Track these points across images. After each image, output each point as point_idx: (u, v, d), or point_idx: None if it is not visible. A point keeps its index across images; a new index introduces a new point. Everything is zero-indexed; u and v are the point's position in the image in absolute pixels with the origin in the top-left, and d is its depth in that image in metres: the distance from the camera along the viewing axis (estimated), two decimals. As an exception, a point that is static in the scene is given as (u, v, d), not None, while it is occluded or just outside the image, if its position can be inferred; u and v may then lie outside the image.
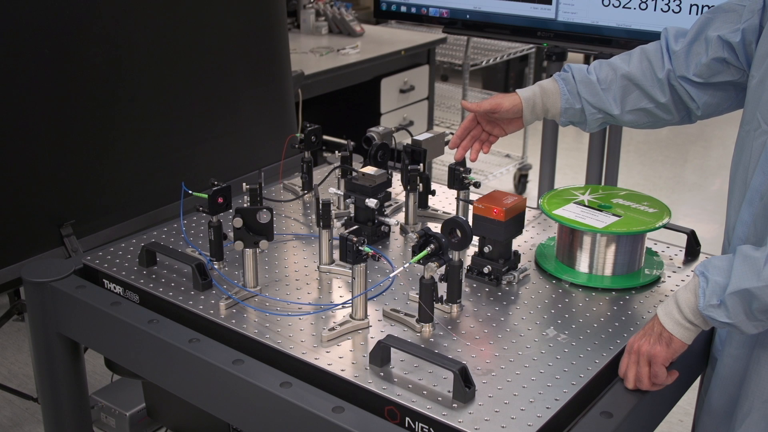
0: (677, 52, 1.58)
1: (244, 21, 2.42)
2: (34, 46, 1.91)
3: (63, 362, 1.70)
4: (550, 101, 1.69)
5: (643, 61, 1.63)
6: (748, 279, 1.22)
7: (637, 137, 6.08)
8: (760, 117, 1.39)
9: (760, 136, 1.38)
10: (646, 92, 1.63)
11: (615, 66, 1.65)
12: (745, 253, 1.25)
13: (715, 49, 1.52)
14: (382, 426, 1.24)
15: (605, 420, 1.25)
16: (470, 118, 1.75)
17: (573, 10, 2.54)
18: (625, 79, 1.64)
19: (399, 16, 3.01)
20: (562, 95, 1.68)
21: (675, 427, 2.90)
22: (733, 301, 1.23)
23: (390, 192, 1.87)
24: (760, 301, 1.22)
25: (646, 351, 1.31)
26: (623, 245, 1.61)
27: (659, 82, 1.61)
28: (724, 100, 1.59)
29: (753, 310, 1.23)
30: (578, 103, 1.67)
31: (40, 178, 1.99)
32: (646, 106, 1.64)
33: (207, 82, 2.34)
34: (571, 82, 1.67)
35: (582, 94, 1.67)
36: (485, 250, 1.61)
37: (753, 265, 1.23)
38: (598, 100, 1.66)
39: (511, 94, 1.70)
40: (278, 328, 1.45)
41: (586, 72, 1.67)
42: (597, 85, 1.65)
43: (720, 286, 1.25)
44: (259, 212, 1.50)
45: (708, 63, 1.53)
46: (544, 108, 1.70)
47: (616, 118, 1.67)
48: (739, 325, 1.25)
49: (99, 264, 1.69)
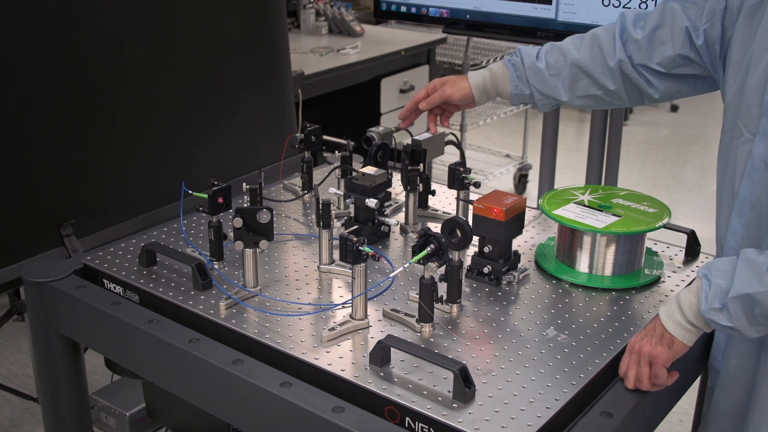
0: (639, 41, 1.57)
1: (244, 21, 2.42)
2: (34, 46, 1.91)
3: (63, 362, 1.70)
4: (501, 86, 1.70)
5: (594, 48, 1.63)
6: (751, 284, 1.21)
7: (637, 137, 6.08)
8: (742, 125, 1.38)
9: (743, 144, 1.37)
10: (596, 80, 1.64)
11: (565, 51, 1.66)
12: (749, 257, 1.24)
13: (682, 45, 1.52)
14: (382, 426, 1.24)
15: (605, 420, 1.25)
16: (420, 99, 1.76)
17: (573, 10, 2.54)
18: (574, 67, 1.64)
19: (399, 16, 3.01)
20: (511, 81, 1.69)
21: (675, 427, 2.90)
22: (735, 305, 1.23)
23: (390, 192, 1.87)
24: (762, 306, 1.21)
25: (647, 352, 1.31)
26: (623, 245, 1.61)
27: (609, 70, 1.62)
28: (685, 88, 1.60)
29: (755, 314, 1.22)
30: (527, 89, 1.69)
31: (40, 178, 1.99)
32: (595, 93, 1.65)
33: (207, 82, 2.34)
34: (520, 68, 1.68)
35: (530, 80, 1.68)
36: (485, 250, 1.61)
37: (756, 270, 1.22)
38: (547, 87, 1.67)
39: (462, 81, 1.72)
40: (278, 328, 1.45)
41: (535, 58, 1.67)
42: (545, 71, 1.66)
43: (722, 290, 1.24)
44: (259, 212, 1.50)
45: (674, 57, 1.54)
46: (495, 92, 1.72)
47: (566, 103, 1.69)
48: (740, 329, 1.25)
49: (99, 264, 1.69)
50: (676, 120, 6.60)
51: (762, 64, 1.34)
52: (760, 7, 1.38)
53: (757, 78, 1.35)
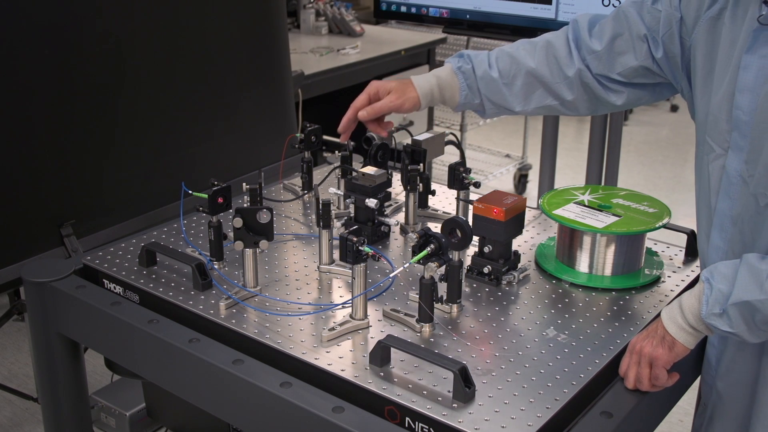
0: (598, 53, 1.54)
1: (244, 21, 2.42)
2: (34, 46, 1.91)
3: (63, 362, 1.69)
4: (448, 94, 1.63)
5: (549, 57, 1.58)
6: (751, 291, 1.21)
7: (637, 137, 6.09)
8: (711, 141, 1.36)
9: (716, 159, 1.36)
10: (552, 90, 1.59)
11: (518, 59, 1.59)
12: (751, 262, 1.24)
13: (645, 56, 1.49)
14: (382, 426, 1.24)
15: (605, 420, 1.25)
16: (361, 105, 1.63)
17: (573, 10, 2.54)
18: (530, 76, 1.59)
19: (399, 16, 3.01)
20: (461, 90, 1.61)
21: (675, 427, 2.90)
22: (734, 312, 1.22)
23: (390, 192, 1.87)
24: (762, 314, 1.21)
25: (648, 353, 1.31)
26: (623, 245, 1.61)
27: (568, 79, 1.57)
28: (646, 95, 1.58)
29: (755, 321, 1.22)
30: (477, 99, 1.62)
31: (40, 178, 1.99)
32: (550, 103, 1.60)
33: (207, 82, 2.33)
34: (471, 76, 1.61)
35: (482, 90, 1.61)
36: (485, 250, 1.61)
37: (756, 277, 1.22)
38: (500, 98, 1.61)
39: (409, 90, 1.60)
40: (278, 328, 1.45)
41: (488, 66, 1.60)
42: (499, 81, 1.59)
43: (723, 295, 1.24)
44: (259, 212, 1.50)
45: (636, 67, 1.51)
46: (440, 99, 1.64)
47: (517, 113, 1.64)
48: (740, 334, 1.25)
49: (99, 264, 1.69)
50: (676, 120, 6.60)
51: (726, 78, 1.32)
52: (719, 19, 1.36)
53: (722, 93, 1.33)
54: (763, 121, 1.26)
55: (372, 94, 1.63)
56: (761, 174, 1.28)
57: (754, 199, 1.30)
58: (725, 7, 1.35)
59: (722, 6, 1.36)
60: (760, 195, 1.29)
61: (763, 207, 1.29)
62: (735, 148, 1.31)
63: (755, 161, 1.28)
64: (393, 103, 1.60)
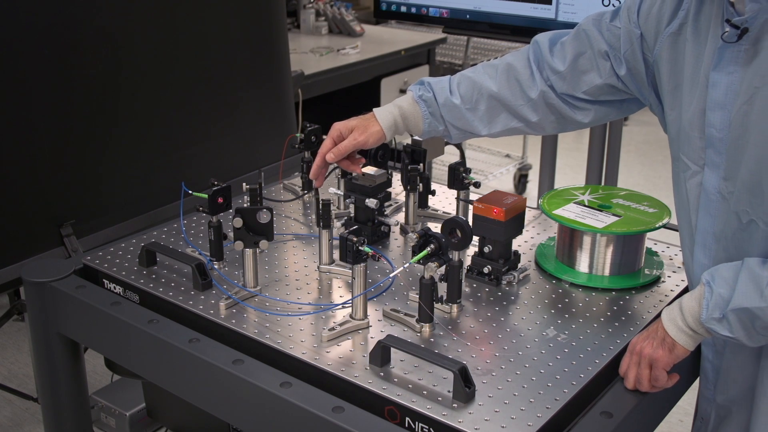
0: (562, 73, 1.53)
1: (244, 21, 2.42)
2: (34, 46, 1.91)
3: (63, 362, 1.69)
4: (412, 124, 1.62)
5: (511, 80, 1.57)
6: (751, 298, 1.21)
7: (637, 137, 6.08)
8: (686, 158, 1.36)
9: (692, 176, 1.35)
10: (516, 112, 1.58)
11: (480, 84, 1.58)
12: (752, 268, 1.23)
13: (609, 74, 1.49)
14: (382, 426, 1.23)
15: (605, 420, 1.25)
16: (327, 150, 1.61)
17: (573, 10, 2.54)
18: (492, 100, 1.58)
19: (399, 16, 3.01)
20: (424, 119, 1.61)
21: (675, 427, 2.90)
22: (734, 318, 1.22)
23: (390, 192, 1.87)
24: (761, 320, 1.20)
25: (648, 354, 1.31)
26: (623, 245, 1.61)
27: (531, 101, 1.57)
28: (613, 111, 1.57)
29: (755, 327, 1.22)
30: (441, 125, 1.62)
31: (40, 178, 1.99)
32: (516, 125, 1.60)
33: (207, 82, 2.33)
34: (434, 104, 1.60)
35: (445, 116, 1.60)
36: (485, 250, 1.61)
37: (757, 284, 1.21)
38: (464, 123, 1.60)
39: (372, 125, 1.59)
40: (278, 328, 1.45)
41: (449, 93, 1.59)
42: (461, 107, 1.59)
43: (723, 300, 1.23)
44: (259, 212, 1.50)
45: (601, 86, 1.51)
46: (404, 129, 1.63)
47: (483, 136, 1.63)
48: (739, 339, 1.24)
49: (99, 264, 1.69)
50: (676, 120, 6.58)
51: (695, 95, 1.32)
52: (680, 34, 1.36)
53: (693, 110, 1.33)
54: (739, 137, 1.26)
55: (335, 137, 1.61)
56: (741, 191, 1.27)
57: (736, 216, 1.29)
58: (685, 22, 1.35)
59: (682, 21, 1.35)
60: (741, 212, 1.28)
61: (746, 224, 1.28)
62: (711, 165, 1.31)
63: (734, 178, 1.28)
64: (357, 140, 1.59)
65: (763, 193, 1.24)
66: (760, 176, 1.24)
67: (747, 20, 1.21)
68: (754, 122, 1.23)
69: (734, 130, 1.26)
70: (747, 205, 1.27)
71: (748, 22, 1.21)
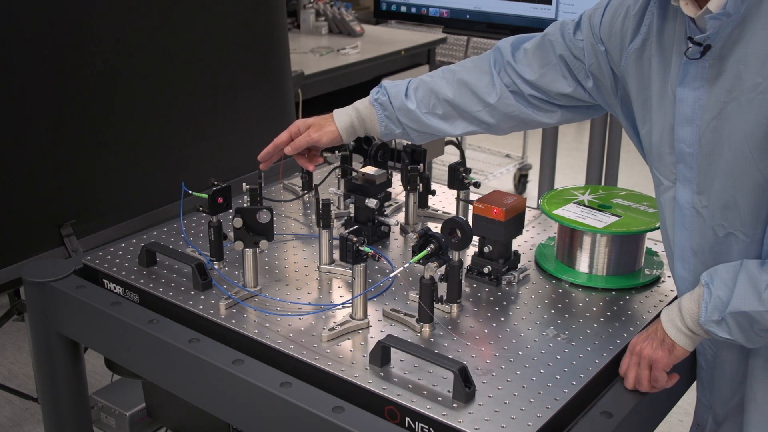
0: (531, 82, 1.54)
1: (244, 21, 2.42)
2: (33, 46, 1.91)
3: (63, 362, 1.69)
4: (369, 126, 1.64)
5: (465, 93, 1.58)
6: (749, 301, 1.20)
7: (637, 137, 6.08)
8: (658, 174, 1.37)
9: (665, 191, 1.36)
10: (474, 117, 1.60)
11: (436, 90, 1.60)
12: (750, 270, 1.23)
13: (576, 86, 1.51)
14: (382, 426, 1.24)
15: (605, 420, 1.25)
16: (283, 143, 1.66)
17: (573, 10, 2.54)
18: (448, 105, 1.60)
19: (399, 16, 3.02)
20: (380, 121, 1.62)
21: (675, 427, 2.90)
22: (733, 321, 1.22)
23: (390, 192, 1.87)
24: (760, 324, 1.20)
25: (648, 355, 1.31)
26: (623, 245, 1.61)
27: (488, 107, 1.58)
28: (578, 115, 1.59)
29: (754, 329, 1.22)
30: (398, 128, 1.63)
31: (40, 178, 1.99)
32: (474, 129, 1.62)
33: (207, 82, 2.34)
34: (389, 108, 1.62)
35: (402, 120, 1.62)
36: (485, 250, 1.61)
37: (755, 287, 1.21)
38: (422, 125, 1.62)
39: (328, 124, 1.63)
40: (278, 328, 1.45)
41: (405, 97, 1.60)
42: (417, 111, 1.60)
43: (722, 302, 1.23)
44: (259, 212, 1.50)
45: (570, 93, 1.53)
46: (363, 131, 1.66)
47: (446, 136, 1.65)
48: (738, 341, 1.24)
49: (99, 264, 1.69)
50: (676, 120, 6.58)
51: (663, 111, 1.32)
52: (644, 50, 1.36)
53: (663, 126, 1.33)
54: (710, 153, 1.26)
55: (293, 132, 1.65)
56: (715, 205, 1.27)
57: (712, 231, 1.29)
58: (648, 38, 1.35)
59: (645, 37, 1.35)
60: (717, 226, 1.28)
61: (723, 237, 1.28)
62: (683, 180, 1.31)
63: (707, 192, 1.28)
64: (310, 137, 1.62)
65: (738, 206, 1.24)
66: (734, 190, 1.24)
67: (709, 37, 1.21)
68: (726, 137, 1.23)
69: (705, 145, 1.26)
70: (722, 219, 1.27)
71: (710, 39, 1.21)
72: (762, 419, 1.34)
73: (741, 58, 1.19)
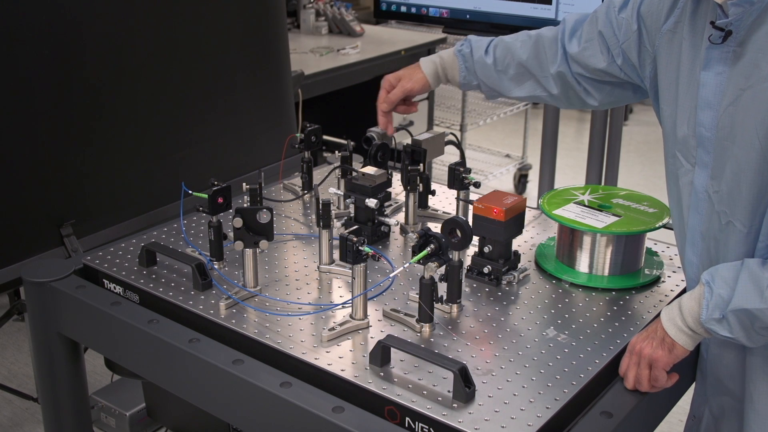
0: (574, 56, 1.60)
1: (244, 21, 2.42)
2: (34, 46, 1.91)
3: (63, 362, 1.69)
4: (450, 74, 1.74)
5: (540, 53, 1.65)
6: (751, 299, 1.21)
7: (637, 137, 6.08)
8: (681, 156, 1.37)
9: (685, 174, 1.37)
10: (540, 83, 1.67)
11: (513, 49, 1.68)
12: (752, 268, 1.23)
13: (609, 62, 1.54)
14: (382, 426, 1.24)
15: (605, 420, 1.25)
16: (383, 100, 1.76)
17: (573, 10, 2.54)
18: (521, 66, 1.67)
19: (399, 16, 3.02)
20: (460, 72, 1.72)
21: (675, 427, 2.89)
22: (734, 319, 1.22)
23: (390, 192, 1.87)
24: (761, 321, 1.21)
25: (648, 354, 1.31)
26: (623, 245, 1.61)
27: (551, 75, 1.64)
28: (624, 95, 1.62)
29: (755, 328, 1.22)
30: (475, 81, 1.72)
31: (40, 178, 1.99)
32: (540, 94, 1.68)
33: (207, 82, 2.33)
34: (470, 59, 1.71)
35: (478, 73, 1.71)
36: (485, 250, 1.61)
37: (757, 285, 1.21)
38: (494, 82, 1.70)
39: (416, 72, 1.74)
40: (278, 328, 1.45)
41: (484, 52, 1.69)
42: (492, 67, 1.69)
43: (723, 300, 1.23)
44: (259, 212, 1.50)
45: (603, 69, 1.56)
46: (445, 78, 1.75)
47: (512, 98, 1.73)
48: (739, 339, 1.25)
49: (99, 264, 1.69)
50: (676, 120, 6.58)
51: (690, 94, 1.33)
52: (675, 32, 1.38)
53: (687, 109, 1.34)
54: (725, 138, 1.27)
55: (387, 87, 1.76)
56: (724, 191, 1.29)
57: (717, 217, 1.31)
58: (681, 20, 1.37)
59: (677, 20, 1.37)
60: (722, 213, 1.30)
61: (725, 225, 1.30)
62: (701, 165, 1.33)
63: (719, 178, 1.29)
64: (404, 87, 1.73)
65: (741, 193, 1.26)
66: (739, 177, 1.26)
67: (731, 23, 1.23)
68: (739, 123, 1.25)
69: (721, 130, 1.28)
70: (726, 206, 1.29)
71: (732, 25, 1.23)
72: (760, 416, 1.35)
73: (760, 46, 1.21)
